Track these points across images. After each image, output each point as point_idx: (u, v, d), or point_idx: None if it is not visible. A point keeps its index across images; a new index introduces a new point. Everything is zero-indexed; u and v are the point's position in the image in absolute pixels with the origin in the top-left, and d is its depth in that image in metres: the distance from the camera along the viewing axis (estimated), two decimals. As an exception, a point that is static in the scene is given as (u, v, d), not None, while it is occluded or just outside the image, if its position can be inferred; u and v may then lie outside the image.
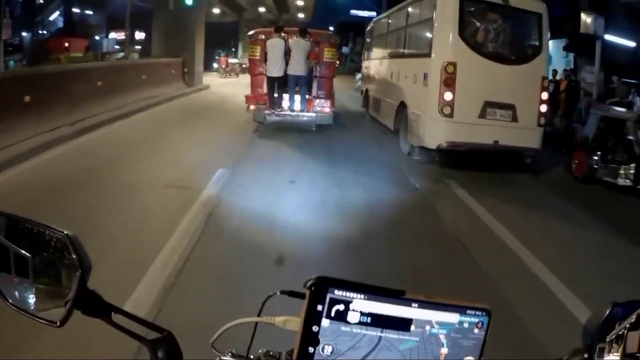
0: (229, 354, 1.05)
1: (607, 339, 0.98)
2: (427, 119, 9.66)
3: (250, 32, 13.12)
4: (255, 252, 5.16)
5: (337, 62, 14.19)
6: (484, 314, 0.94)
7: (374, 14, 46.33)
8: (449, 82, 9.29)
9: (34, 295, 0.97)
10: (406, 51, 12.53)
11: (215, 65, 38.00)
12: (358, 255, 5.38)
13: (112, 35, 38.98)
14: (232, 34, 56.51)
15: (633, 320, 0.97)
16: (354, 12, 45.17)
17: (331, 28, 65.22)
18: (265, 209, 6.58)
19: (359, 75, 23.37)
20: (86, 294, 0.95)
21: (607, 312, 0.98)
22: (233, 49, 51.28)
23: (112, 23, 39.36)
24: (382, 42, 15.81)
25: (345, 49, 53.88)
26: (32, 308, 0.98)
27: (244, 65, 45.66)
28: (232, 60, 37.03)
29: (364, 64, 19.25)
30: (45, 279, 0.97)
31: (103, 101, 13.44)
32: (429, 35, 10.27)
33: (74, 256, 0.93)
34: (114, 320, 0.98)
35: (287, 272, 4.80)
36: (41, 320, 0.96)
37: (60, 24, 38.67)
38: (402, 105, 11.43)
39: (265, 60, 12.18)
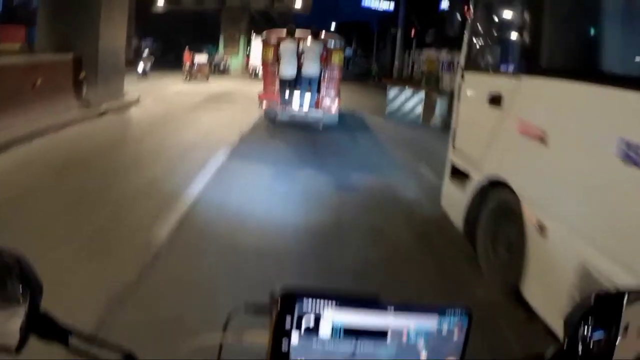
0: None
1: (590, 331, 0.96)
2: None
3: (263, 34, 14.03)
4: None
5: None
6: (464, 315, 0.92)
7: (390, 7, 35.36)
8: None
9: None
10: None
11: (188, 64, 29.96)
12: None
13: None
14: (216, 27, 48.38)
15: (614, 310, 0.96)
16: (366, 4, 33.45)
17: (333, 24, 56.99)
18: None
19: (392, 92, 17.10)
20: (39, 317, 0.90)
21: (590, 303, 0.97)
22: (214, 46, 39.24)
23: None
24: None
25: (347, 51, 43.16)
26: None
27: (224, 64, 34.86)
28: (199, 59, 25.27)
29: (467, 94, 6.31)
30: None
31: None
32: None
33: (22, 277, 0.88)
34: (71, 342, 0.93)
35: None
36: None
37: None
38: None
39: (278, 61, 12.88)
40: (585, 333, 0.95)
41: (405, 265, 5.25)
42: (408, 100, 16.09)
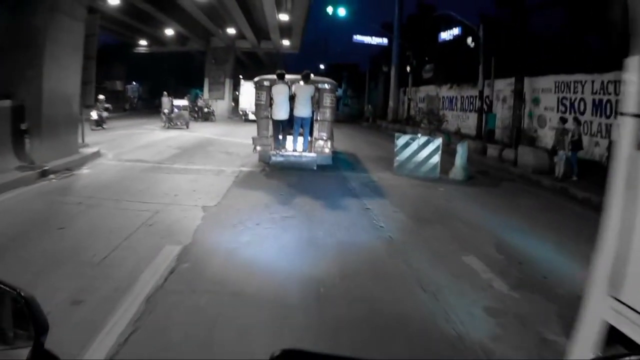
0: None
1: None
2: None
3: (256, 79, 13.77)
4: None
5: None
6: None
7: (384, 41, 33.00)
8: None
9: None
10: None
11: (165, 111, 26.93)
12: None
13: None
14: (201, 67, 46.21)
15: None
16: (358, 38, 31.11)
17: (322, 66, 55.08)
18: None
19: (402, 140, 13.91)
20: (43, 356, 0.92)
21: None
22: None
23: None
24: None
25: (338, 92, 39.40)
26: None
27: (207, 109, 32.11)
28: (179, 104, 22.45)
29: None
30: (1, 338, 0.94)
31: None
32: None
33: (30, 317, 0.91)
34: None
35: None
36: None
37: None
38: None
39: (271, 105, 13.05)
40: None
41: None
42: (422, 149, 13.07)
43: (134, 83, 48.93)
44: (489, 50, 21.64)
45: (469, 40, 22.83)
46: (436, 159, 12.87)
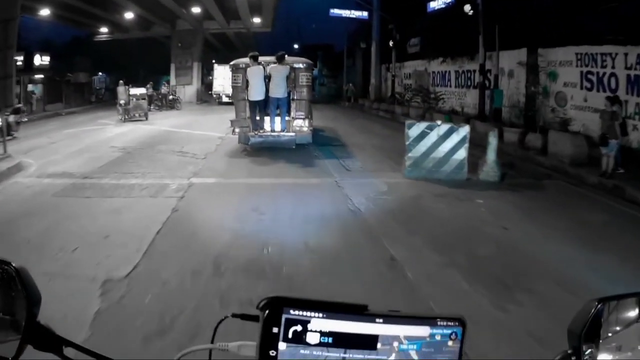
0: None
1: (595, 339, 0.92)
2: None
3: (232, 63, 13.67)
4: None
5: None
6: (457, 324, 0.87)
7: (364, 14, 29.49)
8: None
9: None
10: None
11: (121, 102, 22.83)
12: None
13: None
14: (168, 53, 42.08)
15: (617, 317, 0.94)
16: (335, 12, 27.49)
17: (296, 46, 51.86)
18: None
19: (415, 130, 9.93)
20: (36, 328, 0.89)
21: (593, 310, 0.92)
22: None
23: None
24: None
25: (314, 72, 36.05)
26: None
27: (172, 96, 28.45)
28: (135, 93, 18.85)
29: None
30: None
31: None
32: None
33: (21, 288, 0.88)
34: (66, 354, 0.93)
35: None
36: None
37: None
38: None
39: (247, 87, 12.81)
40: (589, 341, 0.92)
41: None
42: (443, 141, 9.59)
43: (100, 74, 45.02)
44: (492, 18, 18.28)
45: (467, 7, 19.38)
46: (462, 153, 9.40)
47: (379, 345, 0.83)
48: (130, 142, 14.48)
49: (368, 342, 0.82)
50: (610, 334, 0.92)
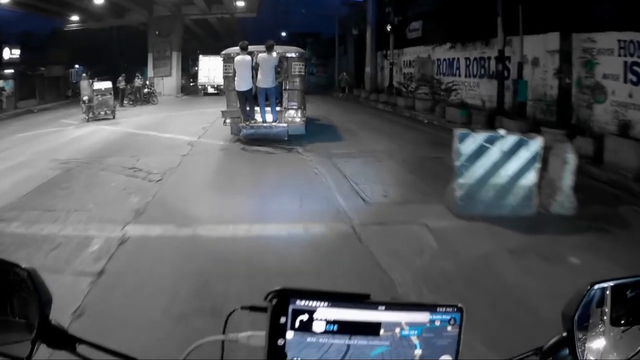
0: None
1: (589, 323, 0.94)
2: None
3: (223, 52, 13.23)
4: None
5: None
6: (456, 310, 0.91)
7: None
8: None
9: None
10: None
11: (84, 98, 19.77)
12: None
13: None
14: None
15: (611, 301, 0.95)
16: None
17: (283, 34, 49.30)
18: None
19: (470, 144, 6.79)
20: (49, 327, 0.92)
21: (585, 294, 0.94)
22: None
23: None
24: None
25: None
26: None
27: (147, 90, 25.56)
28: (100, 88, 15.82)
29: None
30: (5, 313, 0.94)
31: None
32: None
33: (32, 289, 0.91)
34: (79, 352, 0.95)
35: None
36: (6, 357, 0.90)
37: None
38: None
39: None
40: (583, 325, 0.93)
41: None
42: (507, 159, 6.79)
43: (78, 66, 41.90)
44: (514, -4, 15.51)
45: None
46: (531, 177, 6.51)
47: (381, 332, 0.87)
48: (78, 153, 11.54)
49: (371, 329, 0.87)
50: (604, 318, 0.93)
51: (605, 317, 0.94)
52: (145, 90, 27.24)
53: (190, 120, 17.86)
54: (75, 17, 35.81)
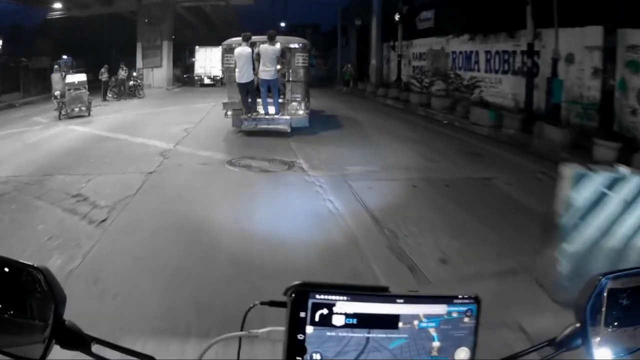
0: None
1: (601, 313, 0.93)
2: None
3: (224, 43, 13.02)
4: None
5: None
6: (472, 302, 0.90)
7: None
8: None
9: (8, 332, 0.89)
10: None
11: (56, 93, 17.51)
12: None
13: None
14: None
15: (622, 292, 0.93)
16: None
17: (282, 24, 47.26)
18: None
19: (585, 191, 4.16)
20: (63, 327, 0.90)
21: (597, 284, 0.92)
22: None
23: None
24: None
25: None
26: (7, 345, 0.88)
27: (133, 82, 23.50)
28: (73, 81, 13.51)
29: None
30: (18, 314, 0.90)
31: None
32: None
33: (47, 289, 0.88)
34: (94, 351, 0.93)
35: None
36: (19, 359, 0.87)
37: None
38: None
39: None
40: (595, 315, 0.92)
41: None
42: (626, 211, 4.19)
43: (65, 57, 39.86)
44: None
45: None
46: None
47: (400, 324, 0.87)
48: (26, 166, 9.29)
49: (390, 322, 0.86)
50: (615, 308, 0.92)
51: (617, 308, 0.92)
52: (131, 82, 25.06)
53: (172, 119, 15.73)
54: (59, 5, 33.71)
